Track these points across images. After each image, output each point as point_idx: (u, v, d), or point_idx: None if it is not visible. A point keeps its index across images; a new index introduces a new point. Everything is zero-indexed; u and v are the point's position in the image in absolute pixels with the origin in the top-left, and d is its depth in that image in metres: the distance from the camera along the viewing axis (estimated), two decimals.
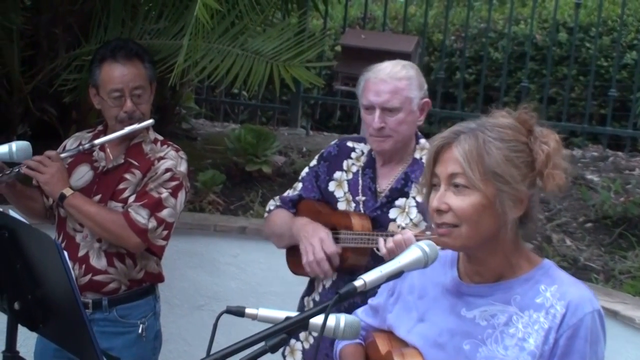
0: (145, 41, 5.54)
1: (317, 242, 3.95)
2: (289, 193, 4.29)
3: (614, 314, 4.89)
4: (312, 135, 7.96)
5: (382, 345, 2.89)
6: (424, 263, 2.52)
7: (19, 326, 3.41)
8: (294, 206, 4.23)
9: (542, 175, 2.56)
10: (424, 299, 2.80)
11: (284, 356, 4.23)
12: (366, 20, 8.76)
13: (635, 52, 8.23)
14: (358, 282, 2.42)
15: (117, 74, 4.23)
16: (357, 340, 3.08)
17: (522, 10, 9.50)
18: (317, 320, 2.43)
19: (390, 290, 2.93)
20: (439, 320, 2.73)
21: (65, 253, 4.08)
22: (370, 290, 2.48)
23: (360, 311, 3.14)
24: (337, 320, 2.50)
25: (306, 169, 4.27)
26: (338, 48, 8.28)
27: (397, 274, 2.50)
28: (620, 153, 7.57)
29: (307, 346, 4.18)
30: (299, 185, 4.25)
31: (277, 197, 4.33)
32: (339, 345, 3.11)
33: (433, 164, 2.66)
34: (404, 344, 2.81)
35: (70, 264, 4.18)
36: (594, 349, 2.56)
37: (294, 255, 4.17)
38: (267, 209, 4.34)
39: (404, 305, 2.86)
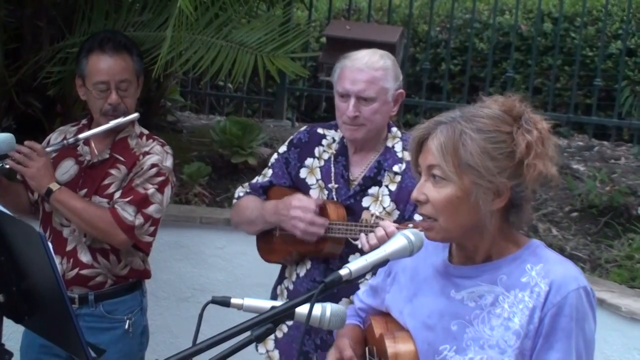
0: (129, 33, 5.51)
1: (297, 211, 3.94)
2: (258, 180, 4.27)
3: (600, 303, 4.90)
4: (297, 127, 7.92)
5: (377, 329, 2.90)
6: (410, 251, 2.53)
7: (6, 319, 3.41)
8: (265, 193, 4.23)
9: (523, 165, 2.54)
10: (416, 280, 2.82)
11: (256, 345, 4.22)
12: (351, 12, 8.74)
13: (620, 41, 8.23)
14: (343, 271, 2.43)
15: (104, 66, 4.22)
16: (356, 322, 3.08)
17: (507, 1, 9.49)
18: (303, 309, 2.43)
19: (387, 271, 2.95)
20: (429, 302, 2.74)
21: (50, 245, 4.10)
22: (355, 280, 2.49)
23: (361, 292, 3.18)
24: (322, 309, 2.50)
25: (275, 155, 4.26)
26: (323, 40, 8.27)
27: (383, 263, 2.51)
28: (605, 142, 7.59)
29: (280, 335, 4.19)
30: (269, 172, 4.23)
31: (245, 184, 4.32)
32: None
33: (416, 154, 2.67)
34: (399, 326, 2.82)
35: (57, 258, 4.19)
36: (580, 326, 2.56)
37: (264, 242, 4.18)
38: (235, 195, 4.32)
39: (399, 286, 2.88)
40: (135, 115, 4.29)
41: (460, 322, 2.65)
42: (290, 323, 4.13)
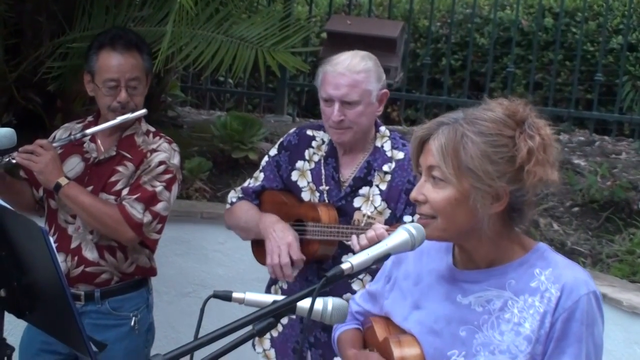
0: (129, 28, 5.51)
1: (285, 246, 3.96)
2: (250, 183, 4.28)
3: (601, 297, 4.89)
4: (298, 122, 7.93)
5: (380, 332, 2.88)
6: (411, 245, 2.52)
7: (7, 314, 3.41)
8: (257, 197, 4.23)
9: (523, 170, 2.53)
10: (419, 286, 2.79)
11: (253, 345, 4.24)
12: (351, 7, 8.74)
13: (621, 36, 8.22)
14: (345, 265, 2.41)
15: (114, 64, 4.20)
16: (355, 326, 3.07)
17: None
18: (305, 303, 2.42)
19: (387, 277, 2.93)
20: (435, 307, 2.72)
21: (52, 239, 4.10)
22: (356, 275, 2.48)
23: (358, 296, 3.15)
24: (324, 303, 2.49)
25: (266, 158, 4.27)
26: (324, 35, 8.26)
27: (384, 257, 2.49)
28: (606, 137, 7.59)
29: (275, 334, 4.20)
30: (261, 176, 4.24)
31: (238, 188, 4.33)
32: (337, 331, 3.11)
33: (417, 154, 2.66)
34: (401, 330, 2.81)
35: (62, 256, 4.18)
36: (590, 331, 2.56)
37: (259, 246, 4.18)
38: (228, 200, 4.33)
39: (400, 291, 2.85)
40: (143, 111, 4.27)
41: (469, 328, 2.63)
42: (285, 322, 4.15)
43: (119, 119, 4.21)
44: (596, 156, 6.99)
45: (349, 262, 2.42)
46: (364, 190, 4.02)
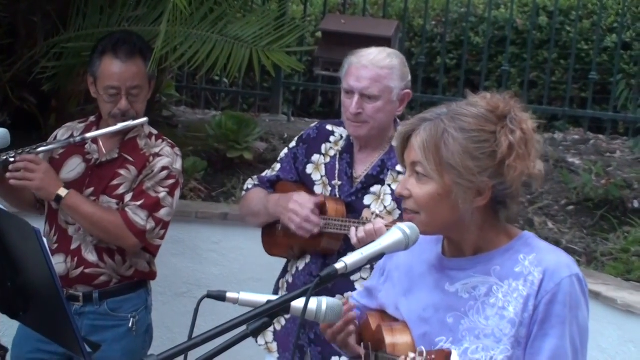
0: (124, 28, 5.50)
1: (295, 204, 3.98)
2: (267, 173, 4.32)
3: (596, 296, 4.91)
4: (293, 122, 7.92)
5: (374, 322, 2.91)
6: (405, 245, 2.53)
7: (1, 315, 3.40)
8: (272, 186, 4.27)
9: (504, 165, 2.55)
10: (410, 276, 2.82)
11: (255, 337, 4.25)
12: (346, 6, 8.73)
13: (615, 35, 8.23)
14: (339, 265, 2.43)
15: (116, 71, 4.18)
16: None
17: None
18: (299, 303, 2.42)
19: (381, 270, 2.96)
20: (424, 296, 2.75)
21: (53, 240, 4.10)
22: (351, 273, 2.49)
23: (356, 293, 3.19)
24: (318, 303, 2.49)
25: (285, 150, 4.31)
26: (318, 34, 8.25)
27: (378, 256, 2.51)
28: (601, 136, 7.59)
29: (278, 327, 4.22)
30: (277, 166, 4.28)
31: (255, 177, 4.37)
32: None
33: (402, 150, 2.68)
34: (396, 319, 2.83)
35: (62, 256, 4.18)
36: (574, 313, 2.58)
37: (268, 235, 4.21)
38: (245, 187, 4.37)
39: (392, 283, 2.89)
40: (144, 119, 4.25)
41: (456, 315, 2.66)
42: (288, 316, 4.14)
43: (120, 125, 4.20)
44: (591, 155, 6.99)
45: (342, 262, 2.44)
46: (375, 188, 4.03)
